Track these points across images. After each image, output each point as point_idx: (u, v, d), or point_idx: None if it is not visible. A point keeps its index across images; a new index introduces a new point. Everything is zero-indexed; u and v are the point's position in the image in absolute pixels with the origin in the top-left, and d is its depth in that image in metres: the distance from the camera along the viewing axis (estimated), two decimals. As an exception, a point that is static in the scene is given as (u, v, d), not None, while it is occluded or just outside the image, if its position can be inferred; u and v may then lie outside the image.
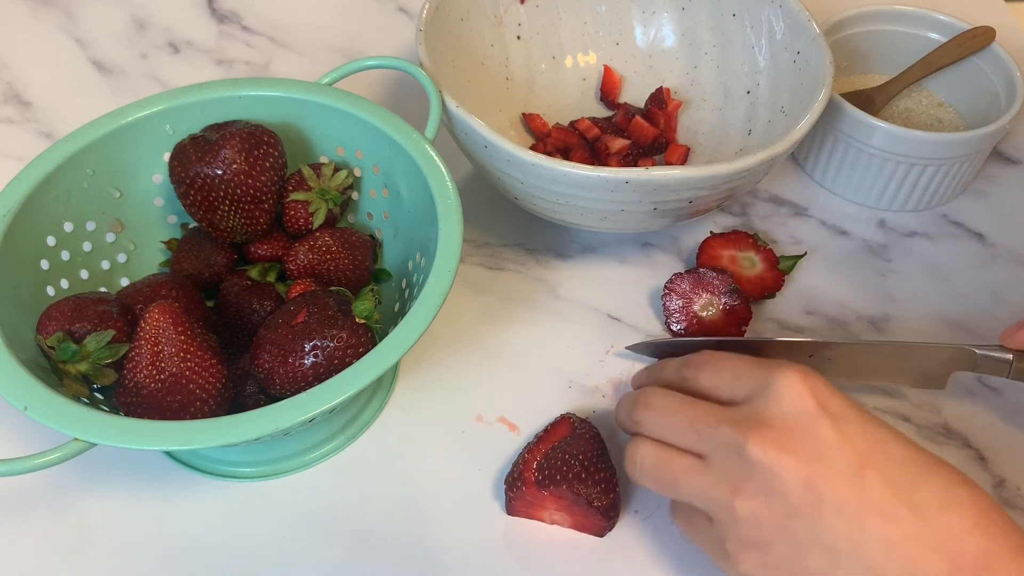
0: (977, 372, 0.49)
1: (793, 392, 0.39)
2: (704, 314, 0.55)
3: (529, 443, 0.49)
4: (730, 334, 0.55)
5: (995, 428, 0.52)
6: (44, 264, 0.48)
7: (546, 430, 0.49)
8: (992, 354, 0.48)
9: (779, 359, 0.42)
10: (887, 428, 0.39)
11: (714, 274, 0.55)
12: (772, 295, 0.57)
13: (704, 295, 0.55)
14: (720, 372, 0.43)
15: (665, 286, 0.56)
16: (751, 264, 0.58)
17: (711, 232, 0.60)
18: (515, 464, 0.48)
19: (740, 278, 0.57)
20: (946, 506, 0.37)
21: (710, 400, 0.43)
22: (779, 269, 0.57)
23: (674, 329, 0.55)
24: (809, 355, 0.51)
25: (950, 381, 0.52)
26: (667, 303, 0.56)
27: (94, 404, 0.44)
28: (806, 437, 0.38)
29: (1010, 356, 0.48)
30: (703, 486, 0.40)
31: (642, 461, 0.43)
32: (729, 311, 0.55)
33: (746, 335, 0.56)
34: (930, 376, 0.51)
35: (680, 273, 0.56)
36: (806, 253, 0.60)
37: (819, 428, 0.38)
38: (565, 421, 0.49)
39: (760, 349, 0.51)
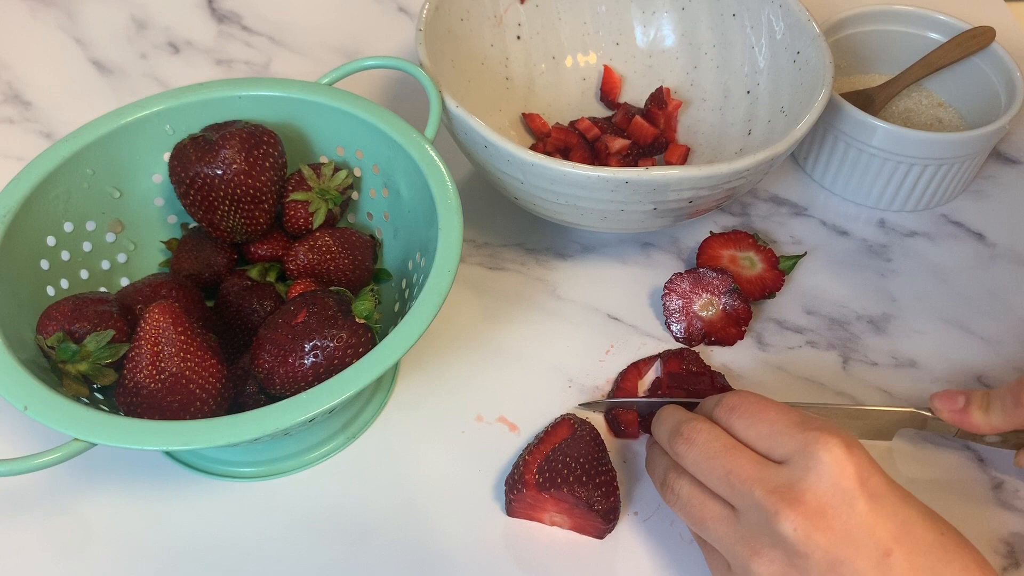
0: (926, 430, 0.50)
1: (836, 466, 0.38)
2: (704, 314, 0.55)
3: (529, 444, 0.49)
4: (730, 334, 0.55)
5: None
6: (44, 264, 0.48)
7: (546, 431, 0.49)
8: (938, 418, 0.49)
9: (820, 419, 0.41)
10: (917, 506, 0.39)
11: (714, 274, 0.55)
12: (772, 295, 0.57)
13: (704, 295, 0.55)
14: (756, 424, 0.41)
15: (665, 286, 0.56)
16: (751, 264, 0.58)
17: (711, 232, 0.60)
18: (515, 466, 0.48)
19: (740, 278, 0.57)
20: None
21: (745, 445, 0.41)
22: (779, 269, 0.57)
23: (674, 329, 0.55)
24: None
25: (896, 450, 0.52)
26: (667, 303, 0.56)
27: (94, 404, 0.44)
28: (838, 516, 0.37)
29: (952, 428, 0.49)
30: (728, 538, 0.40)
31: (679, 493, 0.43)
32: (729, 311, 0.55)
33: (746, 335, 0.56)
34: (879, 432, 0.51)
35: (680, 273, 0.56)
36: (806, 253, 0.60)
37: (854, 509, 0.37)
38: (565, 422, 0.49)
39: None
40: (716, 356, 0.55)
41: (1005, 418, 0.46)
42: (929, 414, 0.49)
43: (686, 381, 0.52)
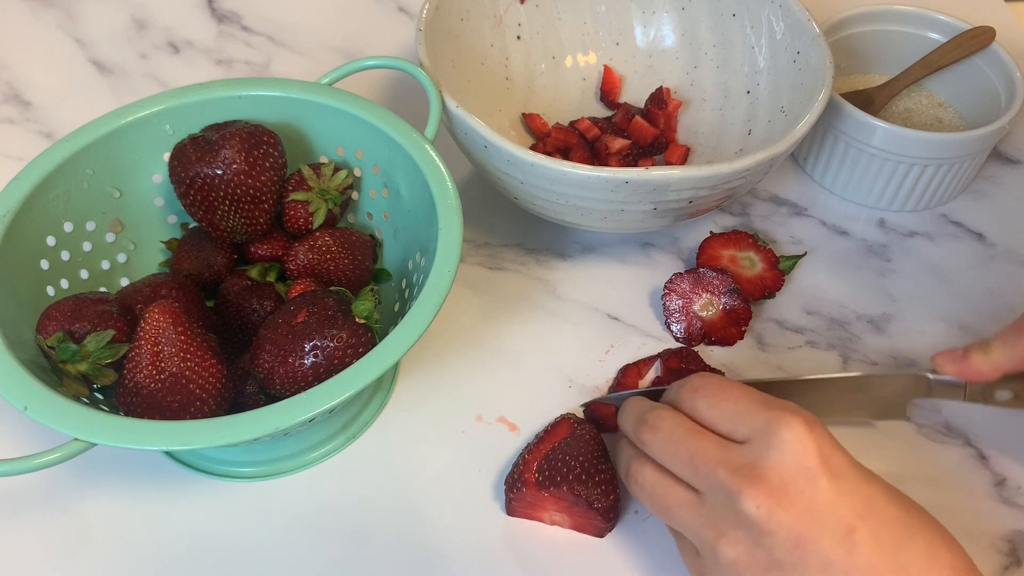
0: (933, 397, 0.49)
1: (798, 445, 0.38)
2: (704, 314, 0.55)
3: (529, 444, 0.49)
4: (730, 334, 0.55)
5: (995, 427, 0.52)
6: (44, 264, 0.48)
7: (546, 431, 0.49)
8: (946, 379, 0.48)
9: (780, 400, 0.41)
10: (879, 484, 0.39)
11: (714, 274, 0.55)
12: (772, 295, 0.57)
13: (704, 295, 0.55)
14: (719, 403, 0.41)
15: (665, 286, 0.56)
16: (751, 264, 0.58)
17: (711, 232, 0.60)
18: (515, 465, 0.48)
19: (740, 278, 0.57)
20: (927, 569, 0.37)
21: (708, 427, 0.42)
22: (779, 269, 0.57)
23: (674, 329, 0.55)
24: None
25: (912, 410, 0.51)
26: (667, 303, 0.56)
27: (94, 404, 0.44)
28: (801, 494, 0.37)
29: (963, 380, 0.48)
30: (693, 522, 0.40)
31: (643, 482, 0.43)
32: (729, 311, 0.55)
33: (746, 336, 0.56)
34: (889, 405, 0.50)
35: (680, 273, 0.56)
36: (806, 253, 0.60)
37: (817, 486, 0.38)
38: (565, 422, 0.49)
39: None
40: (716, 356, 0.55)
41: (1007, 353, 0.46)
42: (931, 375, 0.48)
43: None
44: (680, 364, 0.53)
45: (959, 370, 0.47)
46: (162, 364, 0.43)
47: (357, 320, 0.44)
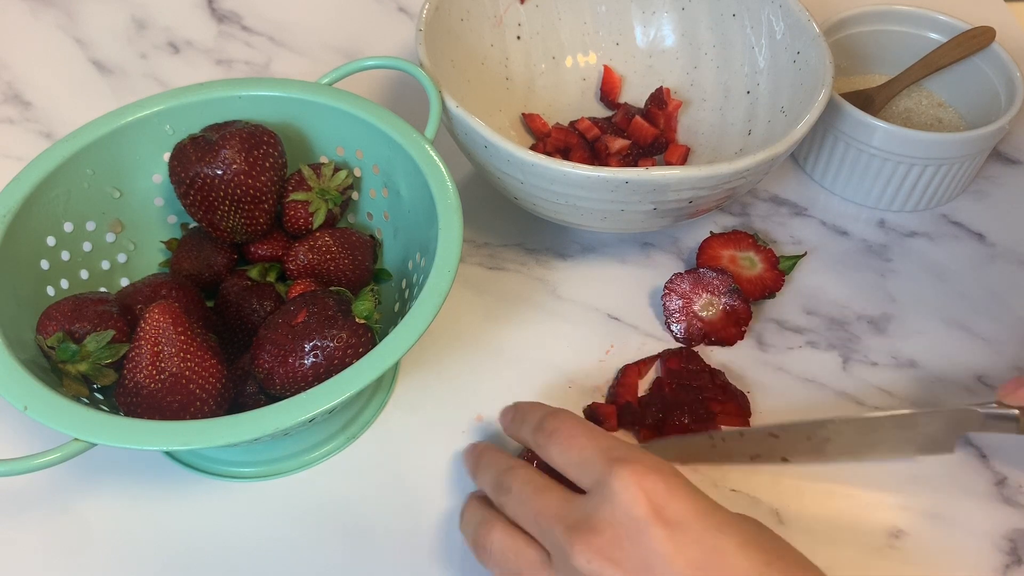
0: (985, 431, 0.47)
1: (627, 495, 0.37)
2: (704, 314, 0.55)
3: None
4: (730, 334, 0.55)
5: (995, 428, 0.52)
6: (44, 264, 0.48)
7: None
8: (997, 411, 0.46)
9: (629, 445, 0.39)
10: (731, 532, 0.37)
11: (714, 274, 0.55)
12: (772, 295, 0.57)
13: (704, 295, 0.55)
14: (568, 450, 0.40)
15: (665, 286, 0.56)
16: (751, 264, 0.58)
17: (711, 232, 0.60)
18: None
19: (740, 278, 0.57)
20: None
21: (561, 472, 0.41)
22: (779, 269, 0.57)
23: (674, 329, 0.55)
24: (807, 438, 0.48)
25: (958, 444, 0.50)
26: (667, 303, 0.56)
27: (94, 404, 0.44)
28: (635, 547, 0.36)
29: (1015, 411, 0.46)
30: None
31: (490, 548, 0.41)
32: (729, 311, 0.55)
33: (746, 336, 0.56)
34: (937, 443, 0.48)
35: (680, 273, 0.56)
36: (806, 253, 0.60)
37: (650, 538, 0.36)
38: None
39: (751, 437, 0.49)
40: (716, 356, 0.55)
41: None
42: (983, 411, 0.46)
43: (686, 378, 0.52)
44: (680, 364, 0.53)
45: None
46: (162, 364, 0.43)
47: (357, 320, 0.44)
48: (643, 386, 0.54)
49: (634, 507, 0.37)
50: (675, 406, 0.51)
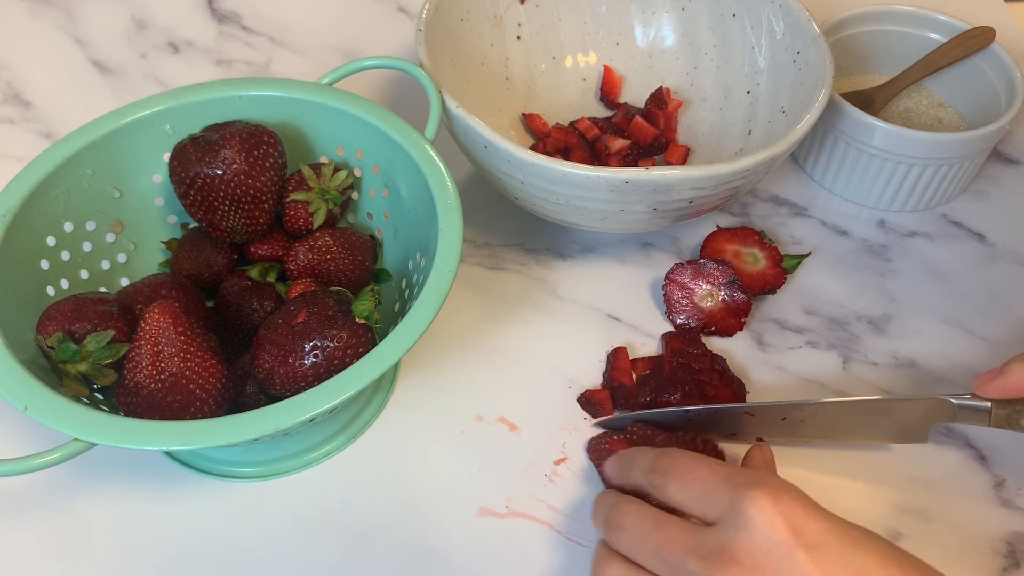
0: (956, 422, 0.47)
1: (764, 520, 0.36)
2: (704, 304, 0.55)
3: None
4: (730, 325, 0.55)
5: (996, 429, 0.52)
6: (44, 264, 0.48)
7: None
8: (970, 403, 0.46)
9: (751, 470, 0.39)
10: (868, 548, 0.36)
11: (715, 265, 0.56)
12: (773, 291, 0.57)
13: (704, 285, 0.56)
14: (687, 485, 0.40)
15: (666, 276, 0.56)
16: (754, 260, 0.58)
17: (717, 226, 0.60)
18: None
19: (742, 272, 0.57)
20: None
21: (681, 513, 0.40)
22: (782, 267, 0.57)
23: (675, 319, 0.56)
24: (782, 418, 0.49)
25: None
26: (668, 293, 0.56)
27: (94, 404, 0.44)
28: (779, 571, 0.35)
29: (988, 404, 0.46)
30: None
31: None
32: (729, 302, 0.55)
33: (746, 336, 0.56)
34: (910, 431, 0.49)
35: (681, 264, 0.56)
36: (810, 253, 0.60)
37: (794, 563, 0.35)
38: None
39: (726, 414, 0.49)
40: (715, 346, 0.55)
41: None
42: (956, 401, 0.47)
43: (688, 358, 0.53)
44: (683, 346, 0.54)
45: (1000, 387, 0.45)
46: (162, 364, 0.43)
47: (357, 320, 0.44)
48: (637, 375, 0.54)
49: (773, 532, 0.36)
50: (670, 384, 0.51)
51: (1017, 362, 0.45)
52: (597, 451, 0.49)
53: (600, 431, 0.51)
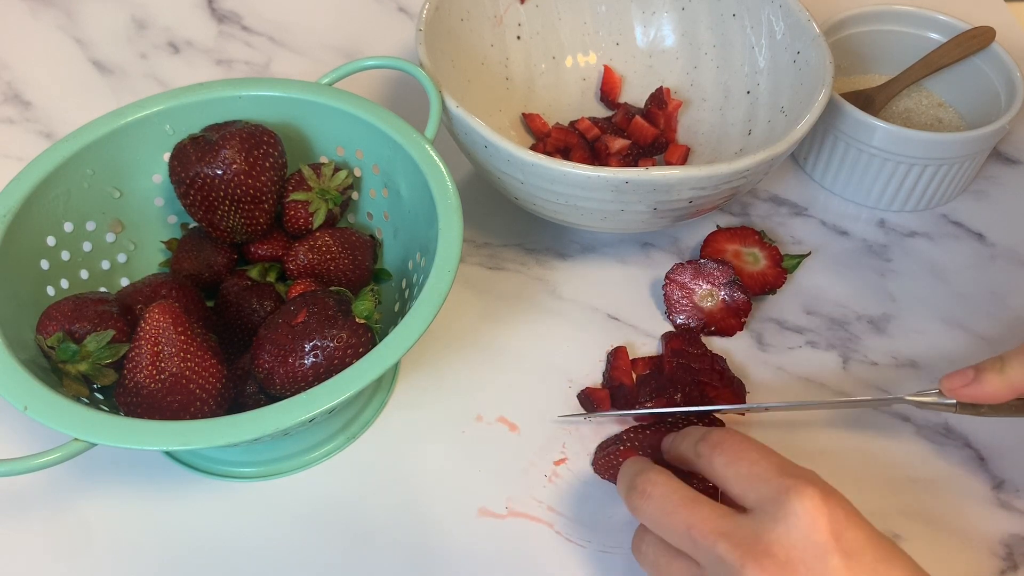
0: (925, 408, 0.48)
1: (807, 519, 0.36)
2: (704, 304, 0.55)
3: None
4: (730, 325, 0.55)
5: (995, 428, 0.52)
6: (44, 264, 0.48)
7: None
8: (935, 402, 0.46)
9: (799, 468, 0.39)
10: (898, 564, 0.36)
11: (715, 265, 0.56)
12: (773, 291, 0.57)
13: (704, 285, 0.56)
14: (737, 462, 0.39)
15: (666, 276, 0.56)
16: (755, 260, 0.58)
17: (717, 226, 0.60)
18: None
19: (742, 272, 0.57)
20: None
21: (721, 488, 0.40)
22: (782, 267, 0.57)
23: (674, 319, 0.56)
24: (741, 415, 0.49)
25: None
26: (668, 293, 0.56)
27: (94, 404, 0.44)
28: (810, 572, 0.35)
29: (953, 401, 0.46)
30: None
31: (646, 551, 0.41)
32: (729, 302, 0.55)
33: (746, 336, 0.56)
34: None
35: (681, 263, 0.56)
36: (811, 253, 0.60)
37: (828, 567, 0.35)
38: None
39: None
40: (716, 347, 0.55)
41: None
42: (922, 397, 0.47)
43: (689, 358, 0.53)
44: (683, 346, 0.54)
45: (972, 393, 0.44)
46: (162, 364, 0.43)
47: (357, 320, 0.44)
48: (637, 375, 0.54)
49: (814, 532, 0.35)
50: (670, 384, 0.51)
51: (992, 371, 0.44)
52: (605, 462, 0.49)
53: (604, 439, 0.51)
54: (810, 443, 0.51)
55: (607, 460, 0.49)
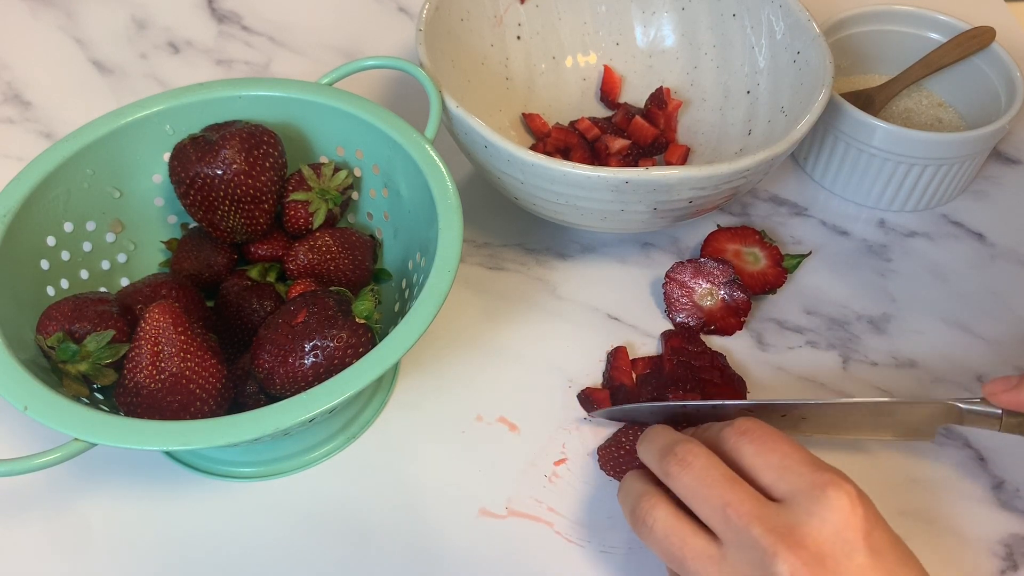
0: (964, 425, 0.47)
1: (842, 515, 0.37)
2: (704, 303, 0.55)
3: None
4: (730, 324, 0.55)
5: (995, 428, 0.52)
6: (44, 264, 0.48)
7: None
8: (980, 409, 0.46)
9: (829, 465, 0.39)
10: (912, 567, 0.37)
11: (715, 264, 0.56)
12: (773, 291, 0.57)
13: (704, 284, 0.56)
14: (766, 453, 0.39)
15: (667, 274, 0.56)
16: (755, 259, 0.58)
17: (718, 225, 0.60)
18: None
19: (742, 272, 0.57)
20: None
21: (746, 477, 0.40)
22: (782, 267, 0.57)
23: (674, 318, 0.56)
24: (781, 415, 0.48)
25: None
26: (668, 291, 0.56)
27: (94, 404, 0.44)
28: (837, 567, 0.36)
29: (999, 410, 0.45)
30: None
31: (653, 525, 0.40)
32: (729, 301, 0.55)
33: (746, 336, 0.56)
34: (916, 430, 0.48)
35: (682, 262, 0.56)
36: (811, 252, 0.60)
37: (853, 561, 0.36)
38: None
39: (725, 410, 0.48)
40: (715, 346, 0.55)
41: None
42: (964, 406, 0.46)
43: (688, 356, 0.53)
44: (682, 343, 0.54)
45: (1013, 400, 0.44)
46: (162, 364, 0.43)
47: (357, 320, 0.44)
48: (636, 375, 0.54)
49: (847, 529, 0.36)
50: (672, 383, 0.51)
51: None
52: (609, 457, 0.49)
53: (606, 438, 0.51)
54: (810, 443, 0.51)
55: (611, 454, 0.49)
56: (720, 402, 0.49)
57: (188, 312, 0.45)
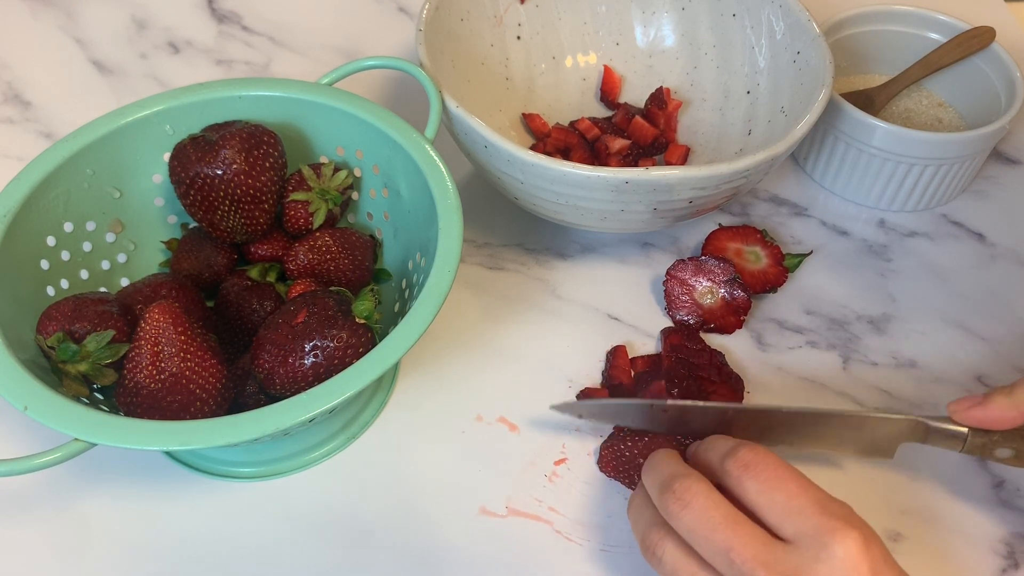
0: (928, 444, 0.46)
1: (850, 564, 0.36)
2: (704, 301, 0.55)
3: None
4: (729, 323, 0.55)
5: (995, 428, 0.52)
6: (44, 264, 0.48)
7: None
8: (945, 427, 0.45)
9: (839, 501, 0.38)
10: None
11: (715, 262, 0.56)
12: (774, 290, 0.57)
13: (705, 282, 0.56)
14: (771, 492, 0.38)
15: (667, 272, 0.56)
16: (756, 258, 0.58)
17: (719, 224, 0.60)
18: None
19: (743, 271, 0.57)
20: None
21: (750, 513, 0.39)
22: (783, 266, 0.57)
23: (676, 317, 0.56)
24: (750, 422, 0.47)
25: (898, 452, 0.48)
26: (668, 289, 0.56)
27: (94, 404, 0.44)
28: None
29: (964, 430, 0.45)
30: None
31: (663, 558, 0.40)
32: (729, 299, 0.55)
33: (746, 336, 0.56)
34: (878, 447, 0.47)
35: (683, 260, 0.56)
36: (812, 252, 0.60)
37: None
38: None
39: (692, 413, 0.47)
40: (715, 345, 0.55)
41: None
42: (932, 423, 0.45)
43: (687, 353, 0.53)
44: (682, 341, 0.54)
45: (979, 417, 0.44)
46: (162, 364, 0.43)
47: (357, 320, 0.44)
48: (635, 372, 0.54)
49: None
50: (669, 380, 0.51)
51: (1000, 394, 0.43)
52: (609, 457, 0.49)
53: (606, 438, 0.50)
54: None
55: (611, 454, 0.49)
56: (690, 402, 0.47)
57: (188, 312, 0.45)
